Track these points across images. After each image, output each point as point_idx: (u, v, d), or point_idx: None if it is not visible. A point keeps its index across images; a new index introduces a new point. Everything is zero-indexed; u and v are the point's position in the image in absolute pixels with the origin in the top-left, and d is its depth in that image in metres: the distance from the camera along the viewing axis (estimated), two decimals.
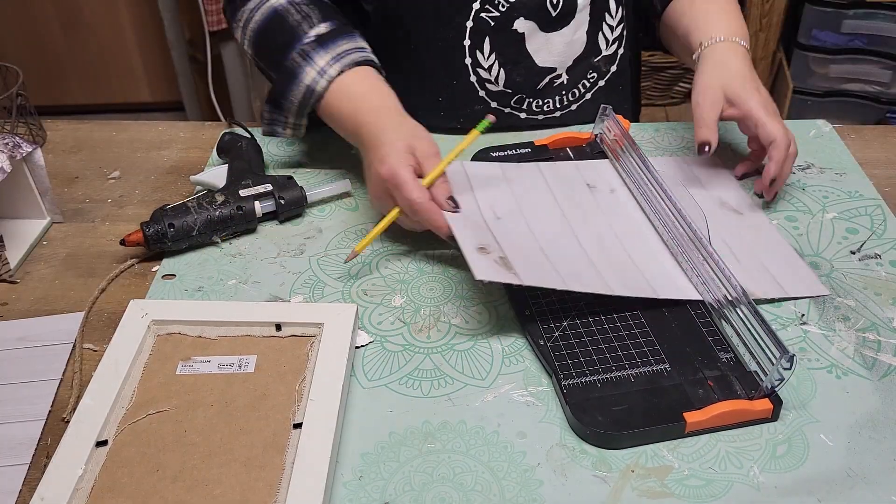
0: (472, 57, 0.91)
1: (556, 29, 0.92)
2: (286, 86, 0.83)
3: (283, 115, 0.85)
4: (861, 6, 1.88)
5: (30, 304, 0.74)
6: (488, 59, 0.91)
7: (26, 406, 0.64)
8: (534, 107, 0.96)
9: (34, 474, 0.59)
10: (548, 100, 0.96)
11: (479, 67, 0.92)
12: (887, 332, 0.69)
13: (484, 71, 0.92)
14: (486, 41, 0.90)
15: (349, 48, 0.82)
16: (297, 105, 0.83)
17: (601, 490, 0.56)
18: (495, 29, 0.90)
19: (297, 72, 0.82)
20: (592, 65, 0.96)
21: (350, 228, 0.82)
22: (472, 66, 0.92)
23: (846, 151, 0.92)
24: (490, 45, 0.90)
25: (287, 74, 0.82)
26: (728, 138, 0.93)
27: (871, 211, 0.83)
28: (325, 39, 0.82)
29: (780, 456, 0.59)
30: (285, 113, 0.85)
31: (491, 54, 0.91)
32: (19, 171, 0.80)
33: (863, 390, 0.64)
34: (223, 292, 0.74)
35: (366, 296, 0.73)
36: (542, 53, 0.93)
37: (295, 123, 0.86)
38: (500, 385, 0.64)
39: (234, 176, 0.83)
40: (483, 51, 0.91)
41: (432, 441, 0.60)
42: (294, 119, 0.85)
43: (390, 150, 0.74)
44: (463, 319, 0.71)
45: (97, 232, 0.83)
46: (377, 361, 0.67)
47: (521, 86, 0.94)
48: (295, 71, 0.82)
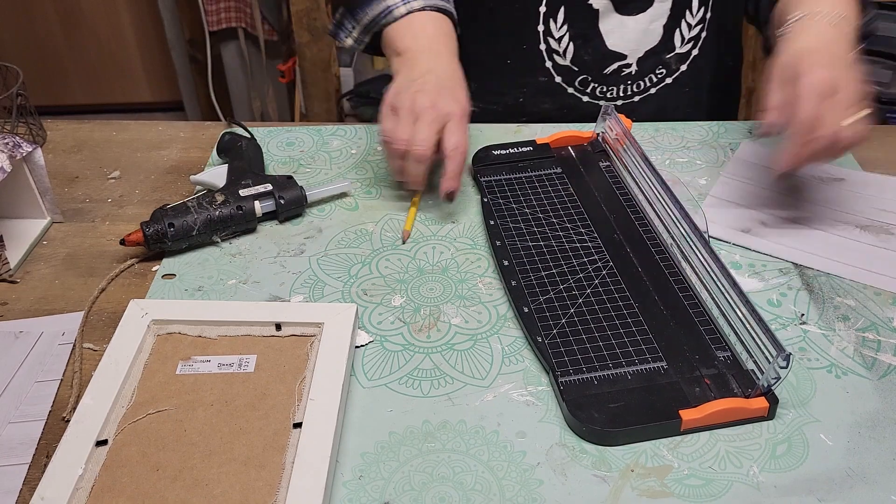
0: (545, 24, 0.91)
1: (632, 14, 0.90)
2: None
3: (353, 23, 0.87)
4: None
5: (30, 303, 0.74)
6: (560, 29, 0.91)
7: (26, 406, 0.64)
8: (597, 92, 0.95)
9: (34, 474, 0.59)
10: (612, 87, 0.95)
11: (550, 36, 0.92)
12: (887, 332, 0.69)
13: (554, 41, 0.92)
14: (560, 10, 0.90)
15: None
16: (370, 18, 0.85)
17: (601, 489, 0.56)
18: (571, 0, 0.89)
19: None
20: (663, 60, 0.95)
21: (350, 228, 0.82)
22: (544, 33, 0.91)
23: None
24: (564, 14, 0.90)
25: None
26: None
27: None
28: None
29: (779, 455, 0.59)
30: (356, 21, 0.87)
31: (563, 24, 0.91)
32: (19, 170, 0.80)
33: (862, 390, 0.64)
34: (223, 292, 0.74)
35: (366, 296, 0.73)
36: (614, 36, 0.92)
37: (359, 37, 0.88)
38: (499, 385, 0.64)
39: (233, 176, 0.83)
40: (556, 20, 0.91)
41: (432, 441, 0.60)
42: (359, 33, 0.88)
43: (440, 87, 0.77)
44: (463, 319, 0.71)
45: (97, 232, 0.83)
46: (377, 361, 0.67)
47: (589, 65, 0.93)
48: None
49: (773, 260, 0.77)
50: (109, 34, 2.36)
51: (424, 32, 0.84)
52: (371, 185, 0.88)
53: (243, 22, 2.21)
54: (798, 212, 0.81)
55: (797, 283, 0.74)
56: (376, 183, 0.88)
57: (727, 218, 0.81)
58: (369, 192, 0.87)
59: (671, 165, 0.90)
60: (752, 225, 0.79)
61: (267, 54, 2.26)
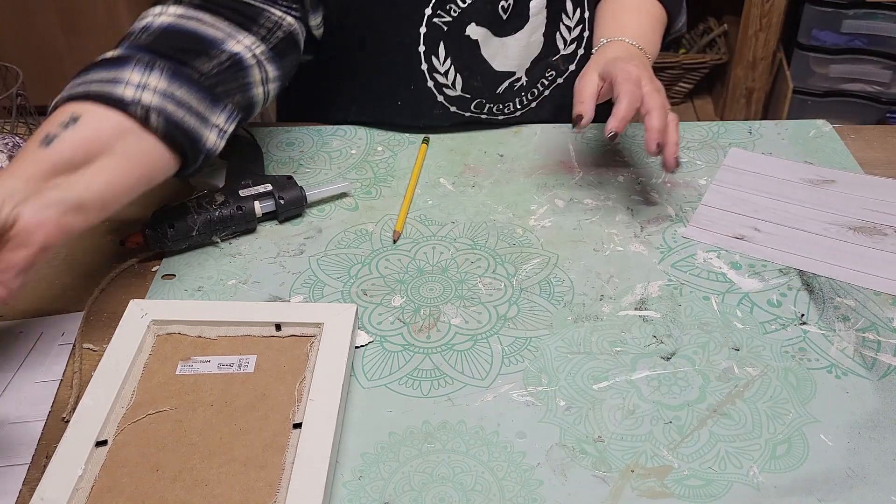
0: (427, 62, 0.90)
1: (510, 34, 0.90)
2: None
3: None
4: (861, 6, 1.88)
5: (30, 303, 0.74)
6: (444, 64, 0.90)
7: (26, 406, 0.64)
8: (494, 110, 0.95)
9: (34, 474, 0.58)
10: (508, 103, 0.95)
11: (436, 73, 0.90)
12: (887, 332, 0.69)
13: (441, 76, 0.91)
14: (440, 46, 0.89)
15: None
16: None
17: (601, 490, 0.56)
18: (449, 34, 0.88)
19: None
20: (551, 63, 0.95)
21: (350, 228, 0.82)
22: (429, 71, 0.90)
23: (846, 151, 0.92)
24: (445, 50, 0.89)
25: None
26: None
27: None
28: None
29: (779, 456, 0.59)
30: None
31: (447, 59, 0.90)
32: None
33: (863, 390, 0.64)
34: (223, 292, 0.74)
35: (365, 296, 0.73)
36: (499, 59, 0.91)
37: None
38: (499, 385, 0.64)
39: (233, 176, 0.83)
40: (438, 56, 0.89)
41: (432, 441, 0.60)
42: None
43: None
44: (463, 319, 0.71)
45: (97, 232, 0.83)
46: (377, 361, 0.67)
47: (481, 90, 0.93)
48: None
49: (772, 260, 0.76)
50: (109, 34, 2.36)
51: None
52: (371, 185, 0.88)
53: None
54: (790, 216, 0.81)
55: (797, 283, 0.74)
56: (376, 183, 0.88)
57: (720, 225, 0.81)
58: (369, 192, 0.87)
59: None
60: (746, 231, 0.79)
61: None
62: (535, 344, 0.68)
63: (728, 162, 0.90)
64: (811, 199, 0.84)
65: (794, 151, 0.92)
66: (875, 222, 0.80)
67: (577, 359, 0.67)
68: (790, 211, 0.82)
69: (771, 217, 0.81)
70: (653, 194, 0.85)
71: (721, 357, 0.67)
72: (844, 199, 0.83)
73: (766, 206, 0.83)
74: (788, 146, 0.93)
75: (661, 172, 0.89)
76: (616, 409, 0.62)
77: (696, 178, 0.88)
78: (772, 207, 0.83)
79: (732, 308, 0.71)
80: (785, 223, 0.81)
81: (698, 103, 2.30)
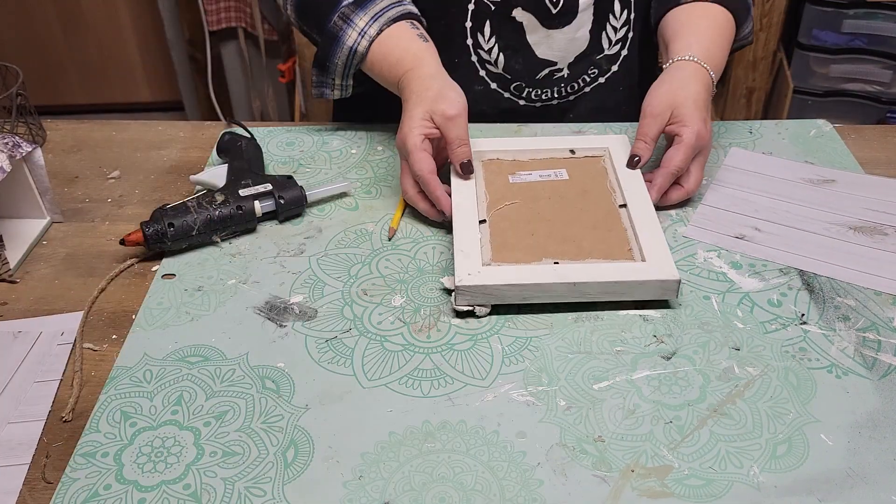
0: (473, 38, 0.93)
1: (557, 26, 0.92)
2: (330, 49, 0.87)
3: (330, 78, 0.89)
4: (861, 6, 1.88)
5: (29, 303, 0.74)
6: (489, 41, 0.93)
7: (26, 406, 0.64)
8: (532, 95, 0.97)
9: (34, 474, 0.59)
10: (546, 90, 0.97)
11: (480, 49, 0.93)
12: (887, 332, 0.69)
13: (484, 52, 0.93)
14: (486, 24, 0.92)
15: (386, 5, 0.86)
16: (341, 67, 0.88)
17: (601, 490, 0.56)
18: (496, 13, 0.91)
19: (340, 35, 0.86)
20: (594, 62, 0.97)
21: (350, 228, 0.82)
22: (474, 46, 0.93)
23: (846, 151, 0.92)
24: (490, 28, 0.92)
25: (330, 38, 0.87)
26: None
27: None
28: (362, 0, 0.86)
29: (780, 456, 0.59)
30: (331, 75, 0.89)
31: (491, 37, 0.92)
32: (19, 170, 0.80)
33: (863, 390, 0.63)
34: (223, 292, 0.74)
35: (365, 296, 0.73)
36: (542, 47, 0.94)
37: (342, 84, 0.90)
38: (499, 385, 0.64)
39: (233, 176, 0.83)
40: (483, 34, 0.92)
41: (432, 441, 0.60)
42: (340, 80, 0.90)
43: (409, 119, 0.79)
44: (463, 319, 0.71)
45: (97, 232, 0.83)
46: (377, 361, 0.67)
47: (520, 73, 0.95)
48: (337, 34, 0.86)
49: (773, 260, 0.76)
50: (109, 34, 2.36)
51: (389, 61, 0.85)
52: (371, 185, 0.88)
53: (243, 22, 2.21)
54: (791, 216, 0.81)
55: (797, 283, 0.74)
56: (376, 183, 0.88)
57: (720, 225, 0.81)
58: (369, 192, 0.87)
59: None
60: (746, 231, 0.79)
61: (267, 54, 2.26)
62: (535, 344, 0.68)
63: (728, 162, 0.90)
64: (811, 199, 0.84)
65: (794, 151, 0.92)
66: (875, 222, 0.80)
67: (577, 358, 0.67)
68: (791, 211, 0.82)
69: (771, 217, 0.81)
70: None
71: (721, 357, 0.67)
72: (845, 199, 0.83)
73: (766, 206, 0.83)
74: (789, 146, 0.93)
75: None
76: (616, 409, 0.62)
77: None
78: (772, 207, 0.83)
79: (733, 308, 0.71)
80: (785, 223, 0.81)
81: None
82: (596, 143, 0.87)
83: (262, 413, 0.62)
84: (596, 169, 0.84)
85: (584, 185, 0.82)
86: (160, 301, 0.73)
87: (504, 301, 0.70)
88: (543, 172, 0.83)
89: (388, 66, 0.85)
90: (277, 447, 0.60)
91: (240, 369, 0.66)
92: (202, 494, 0.57)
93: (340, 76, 0.89)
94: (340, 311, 0.72)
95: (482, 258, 0.72)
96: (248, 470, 0.58)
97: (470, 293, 0.69)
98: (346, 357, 0.67)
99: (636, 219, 0.75)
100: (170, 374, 0.66)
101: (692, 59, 0.83)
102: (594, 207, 0.79)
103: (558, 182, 0.82)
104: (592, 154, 0.86)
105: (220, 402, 0.63)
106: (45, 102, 2.24)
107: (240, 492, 0.57)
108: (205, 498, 0.56)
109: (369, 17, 0.85)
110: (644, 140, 0.82)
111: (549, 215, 0.77)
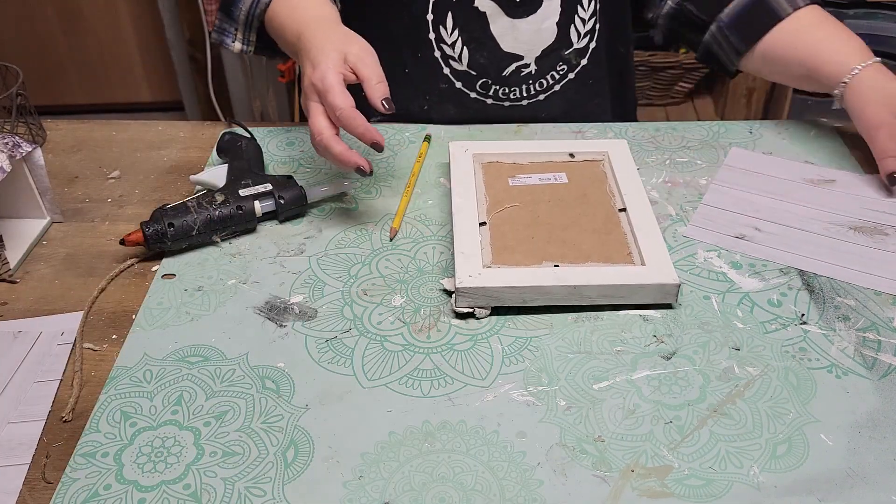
0: (435, 31, 0.89)
1: (522, 16, 0.89)
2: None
3: (233, 25, 0.86)
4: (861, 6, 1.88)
5: (29, 303, 0.74)
6: (451, 34, 0.89)
7: (26, 406, 0.64)
8: (500, 94, 0.94)
9: (34, 474, 0.59)
10: (514, 88, 0.94)
11: (443, 43, 0.90)
12: (887, 332, 0.69)
13: (448, 47, 0.90)
14: (448, 16, 0.88)
15: None
16: (244, 14, 0.85)
17: (601, 490, 0.56)
18: (458, 4, 0.88)
19: None
20: (562, 57, 0.94)
21: (350, 228, 0.82)
22: (436, 40, 0.90)
23: (846, 151, 0.92)
24: (453, 20, 0.89)
25: None
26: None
27: None
28: None
29: (780, 456, 0.59)
30: (234, 23, 0.86)
31: (454, 30, 0.89)
32: (19, 170, 0.80)
33: (863, 390, 0.63)
34: (223, 292, 0.74)
35: (366, 296, 0.73)
36: (508, 39, 0.90)
37: (244, 37, 0.87)
38: (500, 385, 0.64)
39: (233, 175, 0.83)
40: (446, 26, 0.89)
41: (432, 441, 0.60)
42: (242, 31, 0.87)
43: (321, 55, 0.74)
44: (463, 320, 0.70)
45: (97, 232, 0.83)
46: (377, 361, 0.67)
47: (486, 69, 0.92)
48: None
49: (773, 260, 0.76)
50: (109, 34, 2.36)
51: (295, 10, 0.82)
52: (371, 185, 0.88)
53: None
54: (790, 216, 0.81)
55: (797, 283, 0.74)
56: (376, 183, 0.88)
57: (720, 225, 0.81)
58: (369, 192, 0.87)
59: (671, 165, 0.90)
60: (746, 231, 0.79)
61: None
62: (535, 344, 0.68)
63: (729, 161, 0.90)
64: (811, 199, 0.84)
65: (794, 151, 0.92)
66: (875, 222, 0.80)
67: (577, 358, 0.67)
68: (790, 210, 0.82)
69: (771, 217, 0.81)
70: (653, 194, 0.85)
71: (721, 357, 0.67)
72: (845, 199, 0.83)
73: (766, 206, 0.83)
74: (789, 146, 0.93)
75: (662, 172, 0.89)
76: (616, 409, 0.62)
77: (696, 178, 0.88)
78: (772, 207, 0.83)
79: (733, 307, 0.71)
80: (785, 223, 0.81)
81: (699, 103, 2.30)
82: (595, 147, 0.88)
83: (262, 413, 0.62)
84: (595, 173, 0.84)
85: (583, 189, 0.82)
86: (160, 301, 0.73)
87: (504, 303, 0.70)
88: (543, 176, 0.84)
89: (290, 15, 0.82)
90: (277, 447, 0.60)
91: (240, 369, 0.66)
92: (202, 494, 0.57)
93: (243, 25, 0.86)
94: (340, 311, 0.72)
95: (482, 260, 0.72)
96: (248, 470, 0.58)
97: (470, 295, 0.69)
98: (346, 357, 0.67)
99: (636, 223, 0.76)
100: (170, 374, 0.66)
101: (860, 66, 0.81)
102: (594, 211, 0.79)
103: (558, 185, 0.83)
104: (592, 158, 0.87)
105: (220, 402, 0.63)
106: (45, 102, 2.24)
107: (240, 492, 0.57)
108: (205, 498, 0.56)
109: None
110: (892, 156, 0.80)
111: (549, 218, 0.78)
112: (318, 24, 0.79)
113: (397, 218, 0.82)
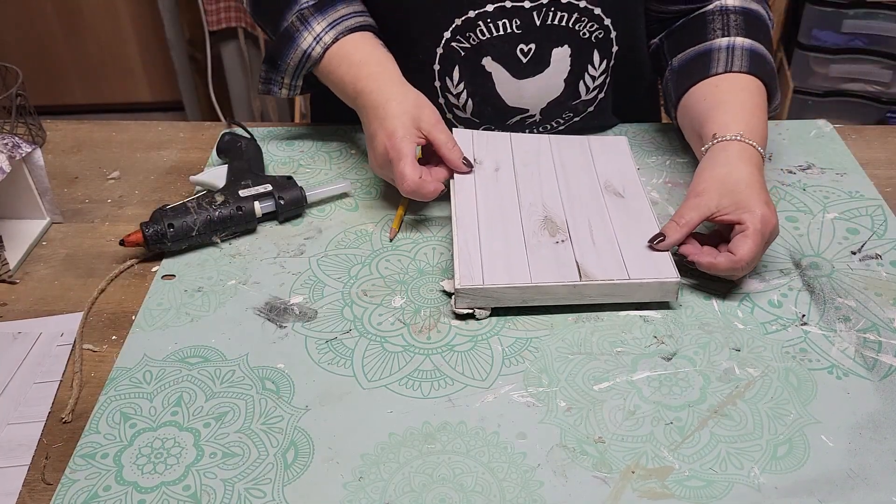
0: (441, 81, 0.89)
1: (528, 76, 0.88)
2: (283, 48, 0.85)
3: (279, 76, 0.87)
4: (861, 6, 1.88)
5: (29, 304, 0.74)
6: (457, 86, 0.89)
7: (26, 407, 0.64)
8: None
9: (34, 475, 0.58)
10: (518, 132, 0.92)
11: (448, 92, 0.89)
12: (888, 333, 0.69)
13: (452, 97, 0.90)
14: (455, 69, 0.88)
15: (346, 13, 0.84)
16: (292, 67, 0.85)
17: (601, 491, 0.56)
18: (465, 60, 0.87)
19: (295, 35, 0.84)
20: (570, 107, 0.92)
21: (350, 228, 0.82)
22: (442, 89, 0.89)
23: (847, 151, 0.92)
24: (460, 74, 0.88)
25: (284, 37, 0.84)
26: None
27: (871, 211, 0.83)
28: (323, 4, 0.84)
29: (780, 457, 0.59)
30: (281, 74, 0.87)
31: (460, 83, 0.88)
32: (19, 171, 0.80)
33: (864, 391, 0.63)
34: (223, 292, 0.74)
35: (366, 296, 0.73)
36: (513, 96, 0.89)
37: (291, 84, 0.88)
38: (500, 386, 0.64)
39: (233, 176, 0.83)
40: (452, 78, 0.88)
41: (432, 442, 0.60)
42: (289, 80, 0.87)
43: (397, 123, 0.77)
44: (463, 321, 0.70)
45: (97, 232, 0.83)
46: (377, 362, 0.67)
47: (490, 118, 0.91)
48: (292, 34, 0.84)
49: (773, 260, 0.76)
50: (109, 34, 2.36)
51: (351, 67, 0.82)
52: (371, 185, 0.88)
53: (243, 22, 2.21)
54: None
55: (798, 283, 0.74)
56: (376, 183, 0.88)
57: None
58: (369, 192, 0.87)
59: (671, 166, 0.90)
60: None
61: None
62: (535, 344, 0.68)
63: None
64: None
65: (794, 151, 0.92)
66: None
67: (577, 359, 0.66)
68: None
69: None
70: (653, 194, 0.85)
71: (722, 357, 0.66)
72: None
73: None
74: (789, 146, 0.93)
75: (662, 172, 0.89)
76: (617, 410, 0.62)
77: None
78: None
79: (733, 308, 0.71)
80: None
81: None
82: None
83: (262, 414, 0.62)
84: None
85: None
86: (160, 302, 0.73)
87: (504, 304, 0.70)
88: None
89: (347, 70, 0.82)
90: (277, 448, 0.60)
91: (240, 370, 0.66)
92: (202, 496, 0.57)
93: (290, 76, 0.86)
94: (340, 311, 0.72)
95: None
96: (247, 471, 0.58)
97: (470, 296, 0.69)
98: (346, 358, 0.67)
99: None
100: (169, 375, 0.66)
101: (736, 137, 0.75)
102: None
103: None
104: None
105: (219, 403, 0.63)
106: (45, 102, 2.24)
107: (240, 493, 0.57)
108: (205, 499, 0.56)
109: (327, 23, 0.83)
110: (678, 222, 0.72)
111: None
112: (382, 84, 0.81)
113: (397, 219, 0.82)
